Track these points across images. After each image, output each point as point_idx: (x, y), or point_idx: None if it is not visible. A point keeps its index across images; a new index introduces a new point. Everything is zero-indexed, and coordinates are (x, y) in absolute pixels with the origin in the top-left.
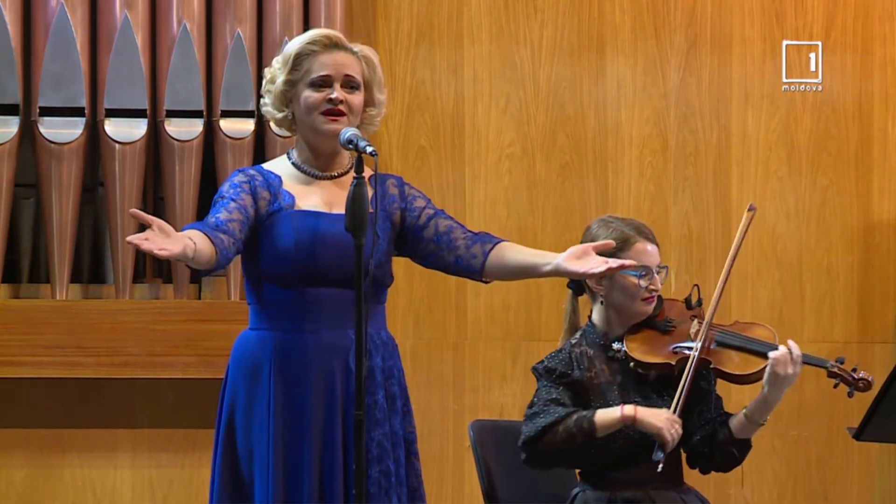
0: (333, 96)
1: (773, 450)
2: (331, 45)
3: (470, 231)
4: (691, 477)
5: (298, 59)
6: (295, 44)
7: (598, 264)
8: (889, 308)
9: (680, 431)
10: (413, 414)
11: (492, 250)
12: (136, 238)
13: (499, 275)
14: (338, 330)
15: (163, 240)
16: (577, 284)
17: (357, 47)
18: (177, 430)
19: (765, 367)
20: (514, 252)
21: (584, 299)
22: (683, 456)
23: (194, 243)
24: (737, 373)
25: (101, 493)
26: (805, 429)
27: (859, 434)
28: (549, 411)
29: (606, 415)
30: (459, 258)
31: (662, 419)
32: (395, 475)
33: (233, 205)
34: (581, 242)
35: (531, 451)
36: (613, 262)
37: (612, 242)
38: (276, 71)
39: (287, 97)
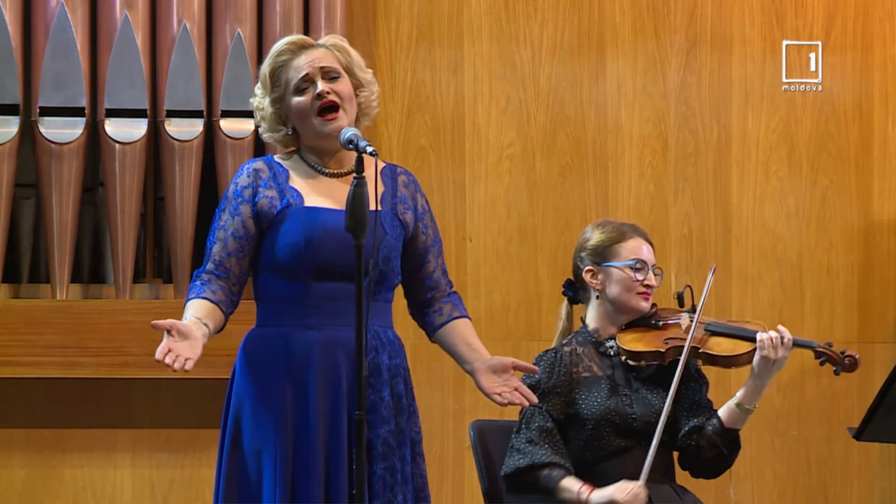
0: (319, 90)
1: (773, 450)
2: (297, 48)
3: (450, 283)
4: (691, 479)
5: (275, 75)
6: (266, 64)
7: (508, 394)
8: (889, 308)
9: (644, 498)
10: (419, 414)
11: (454, 319)
12: (167, 360)
13: (440, 343)
14: (344, 325)
15: (186, 348)
16: (574, 291)
17: (322, 39)
18: (177, 430)
19: (753, 350)
20: (461, 334)
21: (577, 308)
22: (675, 455)
23: (207, 326)
24: (725, 354)
25: (101, 493)
26: (805, 429)
27: (859, 434)
28: (528, 452)
29: (569, 484)
30: (429, 306)
31: (619, 491)
32: (400, 472)
33: (229, 232)
34: (576, 246)
35: (510, 485)
36: (520, 398)
37: (535, 368)
38: (260, 98)
39: (280, 116)
